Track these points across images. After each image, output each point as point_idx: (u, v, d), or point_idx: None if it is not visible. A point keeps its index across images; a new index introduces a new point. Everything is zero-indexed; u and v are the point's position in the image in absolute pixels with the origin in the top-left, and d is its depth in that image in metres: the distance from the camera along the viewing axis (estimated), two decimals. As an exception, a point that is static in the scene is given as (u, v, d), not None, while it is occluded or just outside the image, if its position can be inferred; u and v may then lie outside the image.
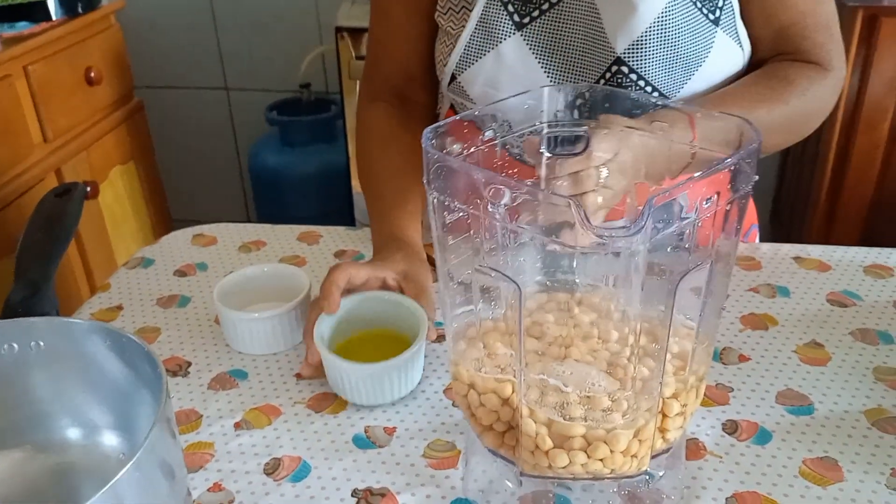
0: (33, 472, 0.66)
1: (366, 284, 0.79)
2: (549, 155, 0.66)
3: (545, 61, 0.85)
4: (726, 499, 0.63)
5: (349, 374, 0.72)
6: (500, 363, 0.59)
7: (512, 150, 0.64)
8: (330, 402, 0.75)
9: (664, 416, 0.57)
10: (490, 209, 0.52)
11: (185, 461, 0.67)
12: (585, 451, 0.56)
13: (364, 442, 0.70)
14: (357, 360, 0.72)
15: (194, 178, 2.54)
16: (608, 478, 0.58)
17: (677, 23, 0.81)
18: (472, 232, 0.56)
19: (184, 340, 0.85)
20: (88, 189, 1.76)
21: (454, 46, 0.88)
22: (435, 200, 0.55)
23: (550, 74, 0.85)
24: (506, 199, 0.51)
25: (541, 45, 0.85)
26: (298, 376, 0.78)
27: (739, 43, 0.86)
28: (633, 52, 0.81)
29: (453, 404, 0.74)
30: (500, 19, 0.85)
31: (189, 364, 0.81)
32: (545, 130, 0.65)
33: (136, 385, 0.62)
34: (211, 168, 2.54)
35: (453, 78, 0.89)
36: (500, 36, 0.85)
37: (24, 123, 1.62)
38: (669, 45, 0.81)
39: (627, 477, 0.59)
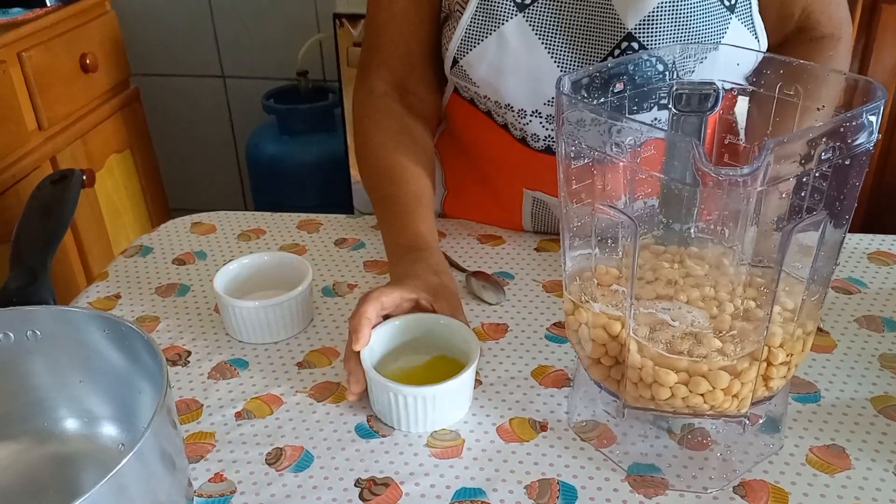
0: (32, 462, 0.65)
1: (398, 309, 0.75)
2: (675, 111, 0.68)
3: (549, 42, 0.84)
4: (734, 487, 0.63)
5: (406, 396, 0.67)
6: (612, 301, 0.62)
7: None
8: (332, 391, 0.74)
9: (769, 364, 0.60)
10: (615, 150, 0.55)
11: (185, 451, 0.66)
12: (686, 385, 0.58)
13: (367, 431, 0.70)
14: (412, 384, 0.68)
15: (191, 168, 2.53)
16: (708, 415, 0.61)
17: (690, 1, 0.80)
18: (595, 178, 0.59)
19: (183, 329, 0.84)
20: (85, 177, 1.74)
21: (455, 29, 0.87)
22: (563, 146, 0.59)
23: (555, 55, 0.84)
24: (631, 141, 0.53)
25: (544, 25, 0.84)
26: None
27: (755, 34, 0.86)
28: (644, 28, 0.81)
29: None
30: (501, 1, 0.84)
31: (189, 353, 0.80)
32: (674, 87, 0.68)
33: (136, 375, 0.61)
34: (208, 157, 2.52)
35: (455, 62, 0.88)
36: (501, 18, 0.84)
37: (19, 111, 1.60)
38: (681, 23, 0.81)
39: (727, 416, 0.61)
